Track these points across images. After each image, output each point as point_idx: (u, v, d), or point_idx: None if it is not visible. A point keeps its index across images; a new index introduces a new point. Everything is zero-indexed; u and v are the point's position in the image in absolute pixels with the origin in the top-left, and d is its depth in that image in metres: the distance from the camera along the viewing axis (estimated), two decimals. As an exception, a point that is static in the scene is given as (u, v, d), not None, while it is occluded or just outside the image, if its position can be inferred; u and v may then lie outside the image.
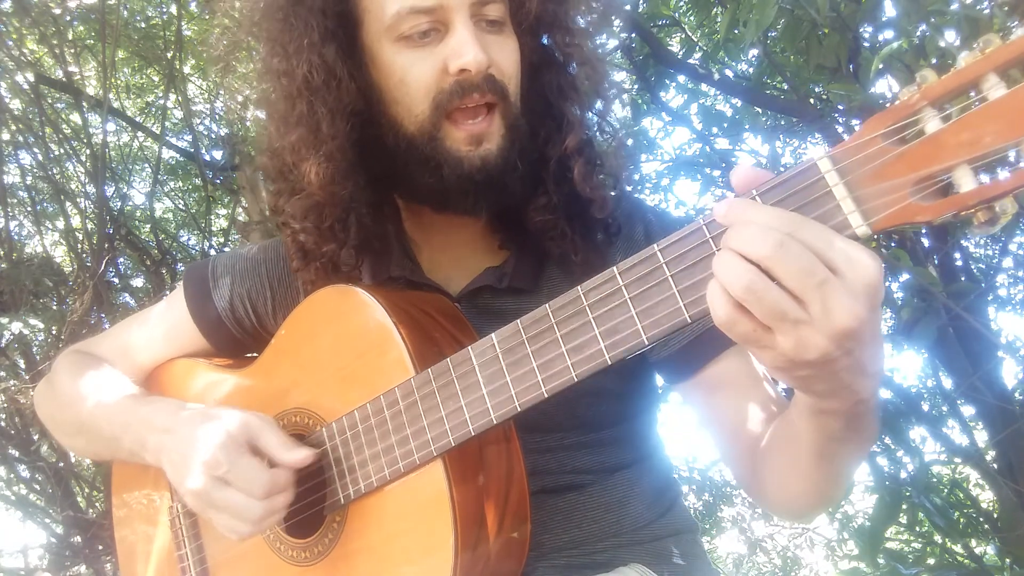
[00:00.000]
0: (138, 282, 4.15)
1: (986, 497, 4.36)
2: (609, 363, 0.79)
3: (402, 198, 1.15)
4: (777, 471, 0.97)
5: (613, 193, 1.14)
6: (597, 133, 1.15)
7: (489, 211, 1.08)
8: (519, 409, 0.85)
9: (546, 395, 0.82)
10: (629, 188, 1.18)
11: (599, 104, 1.13)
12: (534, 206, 1.09)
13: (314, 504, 1.03)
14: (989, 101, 0.61)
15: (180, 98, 4.09)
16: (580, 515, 1.08)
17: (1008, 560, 3.12)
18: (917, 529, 3.53)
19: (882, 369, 0.75)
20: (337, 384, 1.03)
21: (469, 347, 0.89)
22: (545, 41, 1.10)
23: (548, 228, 1.09)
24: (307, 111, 1.02)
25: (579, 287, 0.80)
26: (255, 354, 1.26)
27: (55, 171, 3.70)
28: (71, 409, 1.22)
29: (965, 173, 0.62)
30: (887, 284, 3.48)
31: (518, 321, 0.84)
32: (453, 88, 0.99)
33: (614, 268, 0.77)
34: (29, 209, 3.86)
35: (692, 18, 3.93)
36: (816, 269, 0.63)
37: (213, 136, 4.60)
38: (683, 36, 3.96)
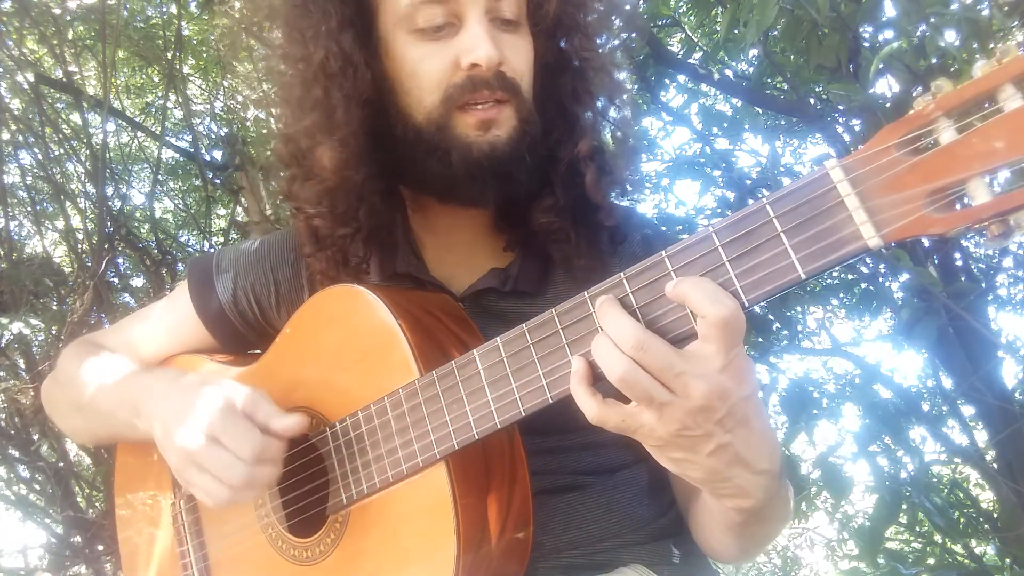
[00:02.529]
0: (138, 282, 4.14)
1: (986, 497, 4.37)
2: None
3: (409, 189, 1.15)
4: (698, 525, 1.08)
5: (620, 200, 1.14)
6: (609, 138, 1.15)
7: (496, 201, 1.08)
8: (523, 414, 0.85)
9: (551, 400, 0.82)
10: (632, 192, 1.17)
11: (612, 110, 1.13)
12: (540, 207, 1.09)
13: (317, 504, 1.03)
14: (1005, 112, 0.60)
15: (180, 98, 4.08)
16: (580, 515, 1.08)
17: (1008, 560, 3.13)
18: (917, 529, 3.53)
19: (775, 470, 0.83)
20: (341, 384, 1.03)
21: (474, 350, 0.89)
22: (562, 44, 1.09)
23: (553, 230, 1.09)
24: (323, 96, 1.02)
25: (585, 292, 0.80)
26: (258, 351, 1.26)
27: (55, 171, 3.69)
28: (72, 389, 1.23)
29: (979, 185, 0.61)
30: (887, 284, 3.49)
31: (523, 325, 0.84)
32: (464, 83, 0.99)
33: (621, 274, 0.77)
34: (29, 209, 3.85)
35: (692, 18, 3.93)
36: (674, 364, 0.74)
37: (213, 136, 4.60)
38: (683, 36, 3.96)
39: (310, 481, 1.03)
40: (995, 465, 3.36)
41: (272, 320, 1.23)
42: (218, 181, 4.37)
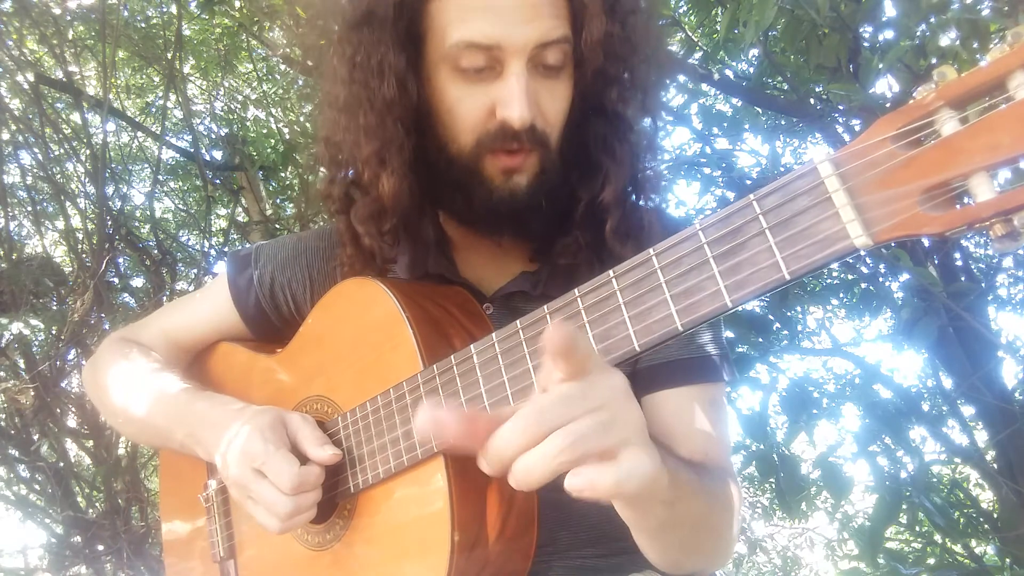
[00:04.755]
0: (138, 282, 4.15)
1: (986, 497, 4.37)
2: None
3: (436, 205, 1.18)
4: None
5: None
6: (636, 187, 1.14)
7: (511, 239, 1.11)
8: None
9: None
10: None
11: (645, 158, 1.13)
12: (561, 245, 1.10)
13: (328, 490, 1.04)
14: (1016, 101, 0.54)
15: (180, 98, 4.09)
16: (597, 511, 1.08)
17: (1008, 560, 3.12)
18: (917, 529, 3.53)
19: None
20: (354, 374, 1.05)
21: (471, 345, 0.89)
22: (601, 94, 1.09)
23: (574, 263, 1.11)
24: (377, 123, 1.04)
25: (576, 289, 0.80)
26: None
27: (55, 171, 3.70)
28: (121, 399, 1.27)
29: (983, 181, 0.55)
30: (887, 284, 3.49)
31: (517, 321, 0.84)
32: (496, 132, 1.01)
33: (610, 272, 0.77)
34: (29, 209, 3.86)
35: (692, 18, 3.93)
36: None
37: (213, 136, 4.60)
38: (683, 36, 3.96)
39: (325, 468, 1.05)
40: (995, 465, 3.37)
41: (305, 313, 1.27)
42: (218, 181, 4.38)
